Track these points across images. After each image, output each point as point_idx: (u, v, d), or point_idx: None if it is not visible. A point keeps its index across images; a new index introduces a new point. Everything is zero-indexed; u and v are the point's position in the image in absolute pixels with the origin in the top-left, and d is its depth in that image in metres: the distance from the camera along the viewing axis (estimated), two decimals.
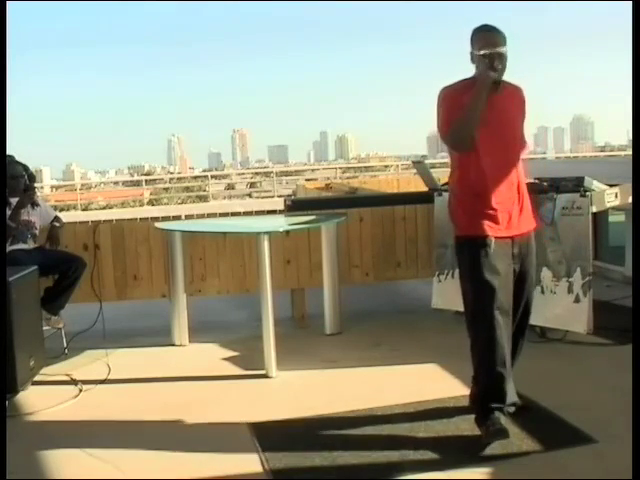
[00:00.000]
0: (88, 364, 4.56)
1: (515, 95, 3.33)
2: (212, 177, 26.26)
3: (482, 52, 3.10)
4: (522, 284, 3.29)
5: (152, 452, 3.20)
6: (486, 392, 3.18)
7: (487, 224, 3.14)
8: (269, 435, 3.30)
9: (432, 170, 5.94)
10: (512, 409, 3.26)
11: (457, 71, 3.28)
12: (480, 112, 3.08)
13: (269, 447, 3.15)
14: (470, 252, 3.17)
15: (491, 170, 3.17)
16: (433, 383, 3.93)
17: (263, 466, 2.99)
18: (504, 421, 3.11)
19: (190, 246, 5.23)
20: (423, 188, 5.84)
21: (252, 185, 28.06)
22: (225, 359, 4.59)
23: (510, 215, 3.20)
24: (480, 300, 3.13)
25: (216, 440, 3.31)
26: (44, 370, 4.21)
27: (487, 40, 3.13)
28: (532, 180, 4.63)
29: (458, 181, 3.29)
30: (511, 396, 3.22)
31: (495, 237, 3.14)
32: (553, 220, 4.47)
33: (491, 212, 3.16)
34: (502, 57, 3.13)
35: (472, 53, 3.18)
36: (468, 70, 3.24)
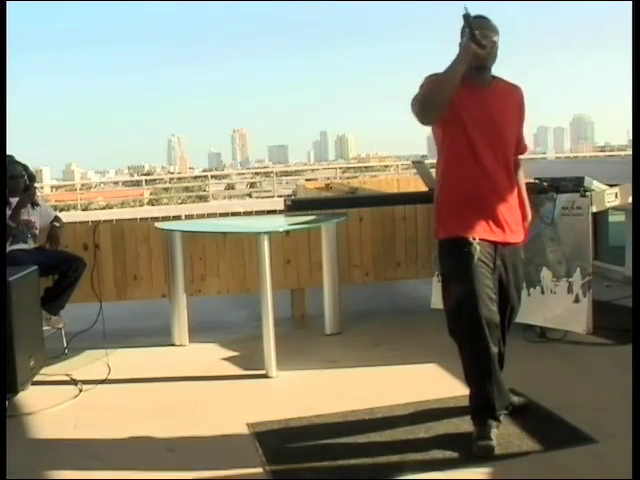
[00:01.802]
0: (88, 364, 4.56)
1: (510, 94, 3.20)
2: (212, 177, 26.25)
3: (482, 35, 2.95)
4: (505, 297, 3.18)
5: (151, 452, 3.20)
6: (475, 402, 3.13)
7: (472, 225, 3.04)
8: (269, 435, 3.29)
9: (432, 170, 5.93)
10: (507, 410, 3.23)
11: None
12: (457, 81, 2.91)
13: (269, 447, 3.15)
14: (455, 257, 3.06)
15: (477, 169, 3.06)
16: (433, 383, 3.93)
17: (263, 466, 2.99)
18: (495, 429, 3.05)
19: (190, 246, 5.23)
20: (423, 188, 5.84)
21: (252, 185, 28.07)
22: (225, 359, 4.59)
23: (496, 219, 3.09)
24: (467, 309, 3.01)
25: (216, 440, 3.31)
26: (44, 370, 4.21)
27: (478, 25, 2.99)
28: (532, 180, 4.63)
29: (442, 180, 3.18)
30: (504, 401, 3.16)
31: (480, 239, 3.03)
32: (553, 220, 4.47)
33: (481, 215, 3.06)
34: (492, 43, 3.00)
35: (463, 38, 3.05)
36: None
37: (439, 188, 3.23)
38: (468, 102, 3.04)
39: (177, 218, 8.54)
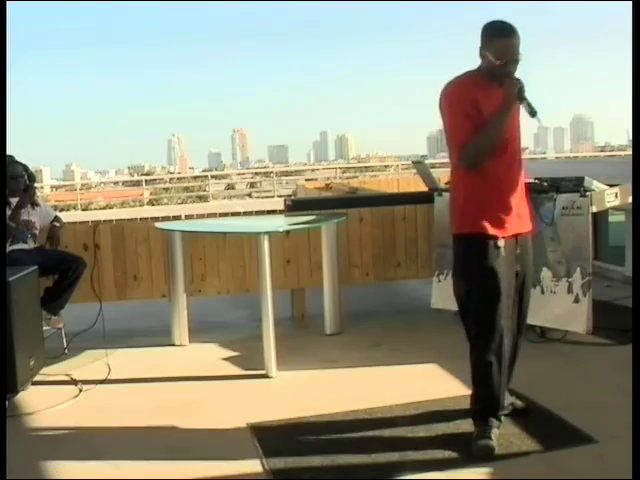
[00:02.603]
0: (88, 364, 4.56)
1: None
2: (212, 177, 26.29)
3: (505, 61, 3.00)
4: (522, 286, 3.23)
5: (152, 452, 3.20)
6: (481, 400, 3.14)
7: (499, 222, 3.06)
8: (269, 435, 3.30)
9: (432, 170, 5.94)
10: (507, 410, 3.24)
11: (457, 71, 3.25)
12: (502, 134, 3.02)
13: (269, 447, 3.15)
14: (479, 253, 3.05)
15: (502, 165, 3.09)
16: (433, 383, 3.93)
17: (263, 466, 2.99)
18: (496, 429, 3.07)
19: (190, 246, 5.23)
20: (423, 188, 5.84)
21: (252, 185, 28.08)
22: (225, 359, 4.59)
23: (517, 213, 3.14)
24: (489, 307, 3.03)
25: (216, 440, 3.31)
26: (44, 370, 4.21)
27: (509, 49, 3.02)
28: (532, 180, 4.63)
29: (466, 177, 3.13)
30: (505, 401, 3.19)
31: (504, 237, 3.06)
32: (553, 220, 4.47)
33: (504, 210, 3.08)
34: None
35: (484, 50, 3.05)
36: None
37: (462, 185, 3.16)
38: (495, 103, 3.05)
39: (177, 218, 8.48)
